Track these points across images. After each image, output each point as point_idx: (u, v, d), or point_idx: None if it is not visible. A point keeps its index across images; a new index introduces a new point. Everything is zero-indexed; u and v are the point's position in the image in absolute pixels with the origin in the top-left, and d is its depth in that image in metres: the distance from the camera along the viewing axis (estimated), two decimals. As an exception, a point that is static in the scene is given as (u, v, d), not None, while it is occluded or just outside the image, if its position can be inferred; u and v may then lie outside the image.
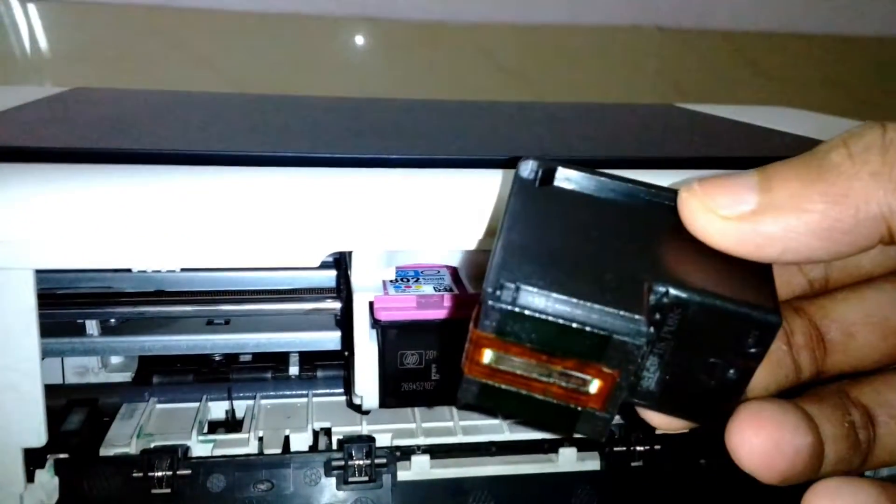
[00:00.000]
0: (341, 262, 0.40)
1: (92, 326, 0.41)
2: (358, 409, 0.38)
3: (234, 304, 0.42)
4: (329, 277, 0.45)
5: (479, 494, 0.36)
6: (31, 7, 0.78)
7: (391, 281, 0.36)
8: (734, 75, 1.00)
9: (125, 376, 0.43)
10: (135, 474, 0.34)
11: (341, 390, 0.42)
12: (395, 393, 0.35)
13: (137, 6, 0.80)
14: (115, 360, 0.44)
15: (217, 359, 0.44)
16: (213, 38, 0.83)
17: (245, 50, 0.84)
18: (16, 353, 0.30)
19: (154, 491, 0.34)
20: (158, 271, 0.29)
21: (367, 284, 0.35)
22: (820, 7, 1.00)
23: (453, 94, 0.91)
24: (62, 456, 0.34)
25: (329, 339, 0.43)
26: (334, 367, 0.44)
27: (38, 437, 0.32)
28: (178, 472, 0.34)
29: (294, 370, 0.44)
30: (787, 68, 1.01)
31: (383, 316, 0.34)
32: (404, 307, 0.34)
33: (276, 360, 0.44)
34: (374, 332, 0.34)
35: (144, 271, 0.37)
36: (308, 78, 0.87)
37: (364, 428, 0.39)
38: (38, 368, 0.31)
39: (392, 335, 0.34)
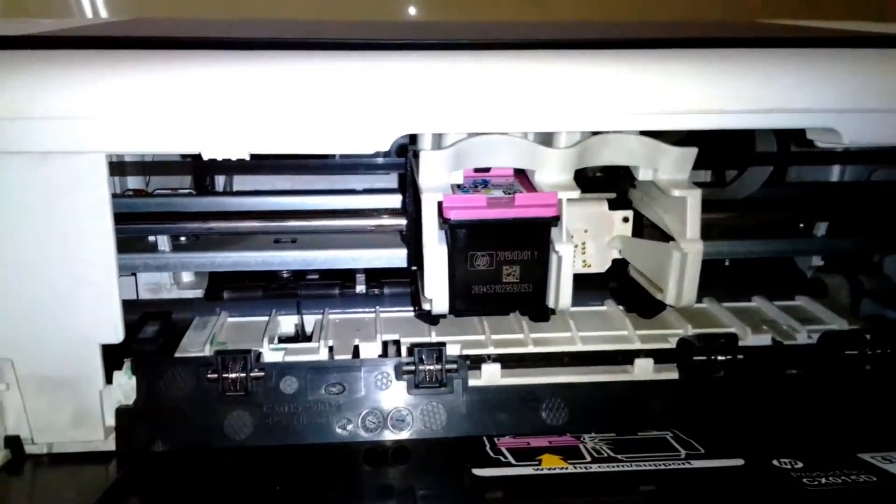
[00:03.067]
0: (406, 179, 0.39)
1: (164, 243, 0.42)
2: (427, 317, 0.37)
3: (304, 220, 0.42)
4: (387, 201, 0.45)
5: (552, 402, 0.35)
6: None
7: (458, 186, 0.35)
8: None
9: (197, 293, 0.43)
10: (210, 375, 0.34)
11: (408, 307, 0.42)
12: (465, 296, 0.34)
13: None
14: (186, 277, 0.44)
15: (285, 276, 0.44)
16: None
17: (293, 6, 0.83)
18: (91, 245, 0.30)
19: (228, 392, 0.34)
20: (229, 160, 0.28)
21: (435, 185, 0.34)
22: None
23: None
24: (139, 358, 0.35)
25: (397, 257, 0.42)
26: (400, 284, 0.44)
27: (115, 332, 0.32)
28: (252, 374, 0.34)
29: (361, 288, 0.44)
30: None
31: (453, 215, 0.33)
32: (474, 206, 0.33)
33: (343, 278, 0.44)
34: (442, 233, 0.34)
35: (214, 163, 0.36)
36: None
37: (433, 339, 0.38)
38: (114, 261, 0.31)
39: (461, 235, 0.33)
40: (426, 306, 0.35)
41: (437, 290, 0.34)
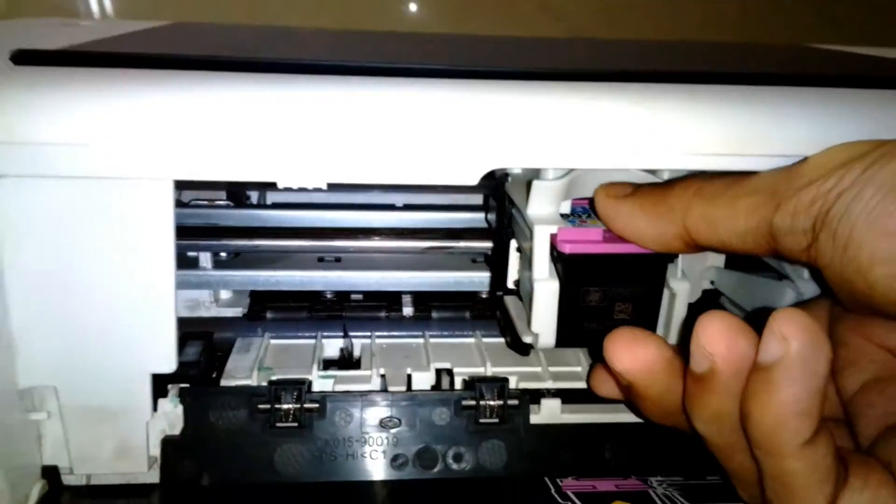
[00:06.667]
0: (494, 200, 0.38)
1: (206, 259, 0.40)
2: (523, 349, 0.35)
3: (390, 240, 0.41)
4: (431, 218, 0.44)
5: (616, 441, 0.34)
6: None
7: (563, 215, 0.33)
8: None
9: (236, 311, 0.42)
10: (261, 406, 0.32)
11: (457, 332, 0.41)
12: (574, 331, 0.32)
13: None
14: (224, 294, 0.42)
15: (328, 296, 0.42)
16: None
17: (292, 9, 0.81)
18: (151, 273, 0.29)
19: (279, 424, 0.32)
20: (305, 189, 0.27)
21: (545, 216, 0.32)
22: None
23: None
24: (185, 385, 0.33)
25: (446, 280, 0.41)
26: (448, 308, 0.42)
27: (168, 362, 0.31)
28: (306, 406, 0.32)
29: (408, 311, 0.42)
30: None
31: (567, 249, 0.31)
32: (589, 240, 0.31)
33: (388, 300, 0.42)
34: (552, 266, 0.32)
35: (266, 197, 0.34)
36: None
37: (488, 369, 0.37)
38: (173, 290, 0.29)
39: (575, 270, 0.31)
40: (528, 339, 0.33)
41: (544, 325, 0.32)
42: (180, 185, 0.46)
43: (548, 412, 0.35)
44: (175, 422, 0.33)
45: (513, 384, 0.35)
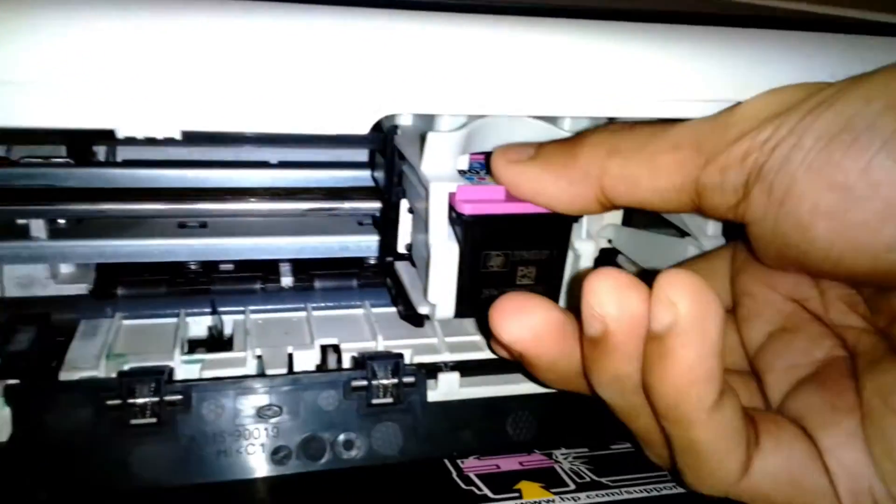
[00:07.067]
0: (381, 155, 0.34)
1: (39, 228, 0.34)
2: (414, 318, 0.32)
3: (265, 202, 0.36)
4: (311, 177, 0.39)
5: (519, 415, 0.32)
6: None
7: (460, 171, 0.30)
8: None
9: (80, 288, 0.35)
10: (111, 402, 0.27)
11: (342, 302, 0.37)
12: (474, 299, 0.29)
13: None
14: (65, 269, 0.36)
15: (193, 267, 0.37)
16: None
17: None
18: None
19: (134, 421, 0.27)
20: (154, 140, 0.21)
21: (441, 173, 0.28)
22: None
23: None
24: (13, 382, 0.28)
25: (330, 245, 0.37)
26: (331, 277, 0.38)
27: (-18, 356, 0.25)
28: (166, 398, 0.28)
29: (287, 281, 0.37)
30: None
31: (467, 210, 0.27)
32: (491, 199, 0.28)
33: (264, 270, 0.38)
34: (451, 229, 0.28)
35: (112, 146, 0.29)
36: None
37: (380, 343, 0.33)
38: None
39: (476, 232, 0.28)
40: (424, 310, 0.30)
41: (442, 294, 0.29)
42: (9, 134, 0.39)
43: (446, 387, 0.32)
44: (2, 426, 0.27)
45: (407, 359, 0.32)
